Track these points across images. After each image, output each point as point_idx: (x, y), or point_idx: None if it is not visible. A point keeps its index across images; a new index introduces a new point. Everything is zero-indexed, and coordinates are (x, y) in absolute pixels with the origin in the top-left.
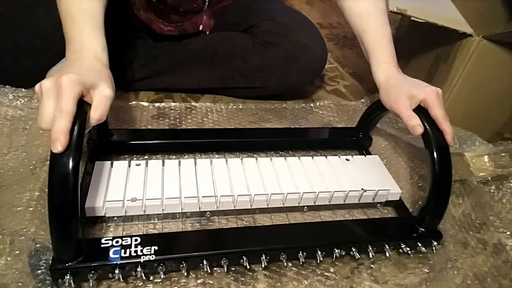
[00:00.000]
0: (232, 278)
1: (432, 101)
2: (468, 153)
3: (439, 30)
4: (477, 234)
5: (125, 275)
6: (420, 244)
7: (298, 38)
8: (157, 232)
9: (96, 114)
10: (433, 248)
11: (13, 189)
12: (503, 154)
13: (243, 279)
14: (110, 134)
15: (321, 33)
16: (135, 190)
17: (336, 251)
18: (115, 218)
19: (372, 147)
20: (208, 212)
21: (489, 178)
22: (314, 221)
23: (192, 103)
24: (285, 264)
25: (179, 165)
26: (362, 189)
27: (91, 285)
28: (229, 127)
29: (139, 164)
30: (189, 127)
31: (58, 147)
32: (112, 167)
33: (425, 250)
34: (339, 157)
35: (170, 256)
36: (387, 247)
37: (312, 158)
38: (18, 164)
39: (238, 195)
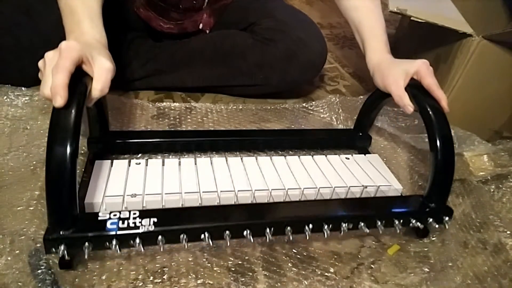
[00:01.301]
0: (232, 278)
1: (423, 72)
2: (467, 153)
3: (439, 30)
4: (477, 233)
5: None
6: (431, 220)
7: (298, 35)
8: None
9: (98, 85)
10: (445, 224)
11: (13, 189)
12: (503, 153)
13: (243, 279)
14: (111, 135)
15: (320, 31)
16: (135, 186)
17: (344, 225)
18: None
19: (372, 147)
20: None
21: (489, 178)
22: (321, 199)
23: (192, 103)
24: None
25: (179, 164)
26: (362, 185)
27: (86, 257)
28: (229, 127)
29: (139, 163)
30: (189, 128)
31: (59, 101)
32: (112, 165)
33: (437, 226)
34: (339, 156)
35: (170, 228)
36: (397, 223)
37: (312, 157)
38: (18, 164)
39: (238, 191)
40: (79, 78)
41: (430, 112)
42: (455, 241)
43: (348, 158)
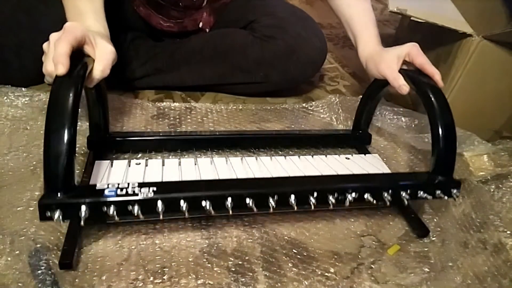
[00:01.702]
0: (232, 279)
1: (414, 53)
2: (467, 153)
3: (439, 30)
4: (477, 233)
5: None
6: (439, 192)
7: (297, 32)
8: (156, 231)
9: (100, 66)
10: (454, 196)
11: (13, 189)
12: (502, 153)
13: (243, 279)
14: (111, 136)
15: (320, 28)
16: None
17: (349, 196)
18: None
19: (372, 146)
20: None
21: (489, 177)
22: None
23: (192, 103)
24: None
25: (179, 164)
26: None
27: (82, 223)
28: (229, 127)
29: (139, 163)
30: (189, 128)
31: (61, 69)
32: (112, 166)
33: (446, 198)
34: (339, 156)
35: (170, 195)
36: (404, 194)
37: (312, 157)
38: (18, 164)
39: None
40: (81, 56)
41: (426, 88)
42: (455, 241)
43: (348, 158)
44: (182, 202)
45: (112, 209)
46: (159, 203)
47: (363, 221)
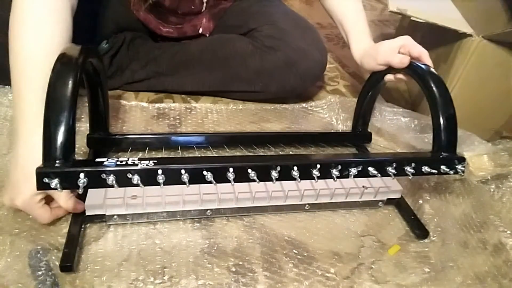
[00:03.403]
0: (232, 279)
1: (410, 43)
2: (467, 153)
3: (439, 30)
4: (478, 233)
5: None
6: (444, 166)
7: (298, 44)
8: (156, 231)
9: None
10: (459, 171)
11: None
12: (502, 153)
13: (243, 280)
14: (111, 135)
15: (321, 38)
16: (136, 188)
17: (352, 170)
18: (115, 217)
19: (372, 147)
20: (209, 211)
21: (489, 177)
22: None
23: (192, 104)
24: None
25: None
26: (363, 186)
27: (80, 191)
28: (229, 127)
29: None
30: (189, 129)
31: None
32: None
33: (451, 173)
34: None
35: (170, 166)
36: (408, 168)
37: None
38: None
39: (239, 192)
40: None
41: (422, 69)
42: (455, 241)
43: None
44: (183, 171)
45: (111, 178)
46: (160, 172)
47: (363, 221)
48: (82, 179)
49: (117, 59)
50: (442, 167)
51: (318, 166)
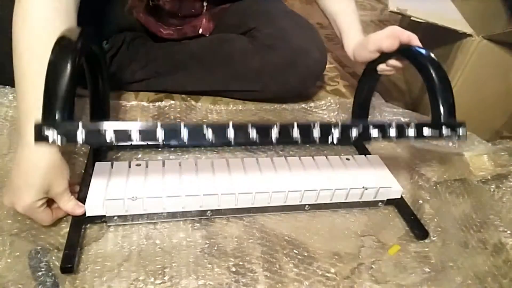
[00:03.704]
0: (233, 279)
1: (399, 30)
2: (467, 153)
3: (439, 30)
4: (478, 233)
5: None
6: (445, 129)
7: (298, 43)
8: (157, 231)
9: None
10: (459, 135)
11: None
12: (502, 153)
13: (244, 280)
14: None
15: (321, 38)
16: (136, 188)
17: (353, 130)
18: (115, 218)
19: (372, 147)
20: (209, 211)
21: (489, 177)
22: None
23: (192, 104)
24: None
25: (180, 165)
26: (363, 186)
27: (80, 142)
28: None
29: (139, 164)
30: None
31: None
32: (112, 167)
33: (453, 136)
34: (339, 157)
35: (170, 123)
36: (409, 130)
37: (313, 158)
38: None
39: (239, 193)
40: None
41: (415, 48)
42: (455, 241)
43: (349, 159)
44: (182, 126)
45: (110, 132)
46: (159, 126)
47: (363, 221)
48: (80, 131)
49: (117, 59)
50: (444, 130)
51: (318, 126)
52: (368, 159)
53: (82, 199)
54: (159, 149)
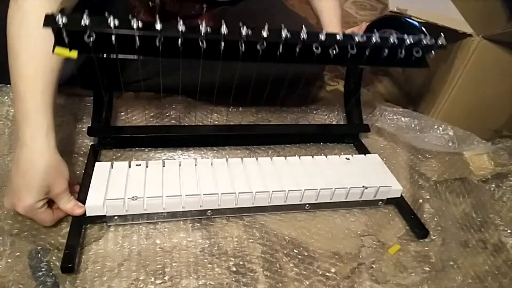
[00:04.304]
0: (233, 279)
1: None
2: (467, 152)
3: (439, 30)
4: (478, 232)
5: None
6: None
7: None
8: (157, 231)
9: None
10: (442, 43)
11: None
12: (502, 153)
13: (244, 279)
14: (112, 128)
15: None
16: (136, 188)
17: (351, 50)
18: (116, 218)
19: (372, 146)
20: (209, 211)
21: (489, 177)
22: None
23: (192, 103)
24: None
25: (180, 165)
26: (363, 186)
27: (86, 38)
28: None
29: (139, 165)
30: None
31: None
32: (112, 167)
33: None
34: (339, 156)
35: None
36: (399, 52)
37: (313, 157)
38: None
39: (239, 193)
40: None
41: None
42: (455, 240)
43: (348, 159)
44: (179, 41)
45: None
46: (159, 37)
47: (363, 221)
48: (85, 20)
49: (117, 59)
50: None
51: (320, 48)
52: (368, 159)
53: (82, 199)
54: (159, 149)
